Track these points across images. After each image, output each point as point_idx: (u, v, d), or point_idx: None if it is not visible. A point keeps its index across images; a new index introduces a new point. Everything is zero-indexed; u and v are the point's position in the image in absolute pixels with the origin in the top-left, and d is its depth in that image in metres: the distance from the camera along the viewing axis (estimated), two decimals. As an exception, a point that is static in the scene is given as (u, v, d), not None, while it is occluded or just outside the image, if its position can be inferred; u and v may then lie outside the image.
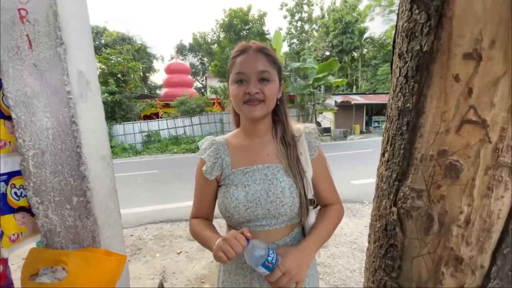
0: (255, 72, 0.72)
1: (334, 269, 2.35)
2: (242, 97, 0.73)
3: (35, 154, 0.59)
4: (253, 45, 0.76)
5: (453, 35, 0.64)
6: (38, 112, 0.57)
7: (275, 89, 0.76)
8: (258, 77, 0.73)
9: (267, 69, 0.73)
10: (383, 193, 0.92)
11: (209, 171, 0.80)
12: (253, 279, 0.79)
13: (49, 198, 0.61)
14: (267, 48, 0.77)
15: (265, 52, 0.75)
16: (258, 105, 0.73)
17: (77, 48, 0.60)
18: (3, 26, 0.56)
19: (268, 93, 0.73)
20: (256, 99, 0.72)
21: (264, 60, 0.74)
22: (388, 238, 0.89)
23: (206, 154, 0.81)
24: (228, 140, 0.86)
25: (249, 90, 0.71)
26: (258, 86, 0.72)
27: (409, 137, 0.77)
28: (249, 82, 0.72)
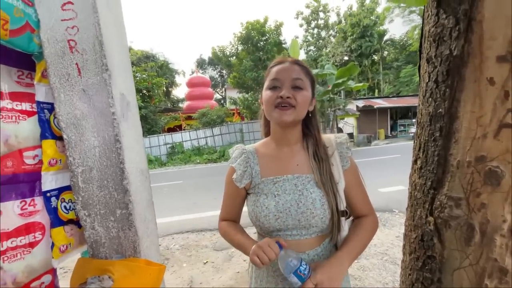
0: (290, 79, 0.75)
1: (365, 282, 2.24)
2: (274, 101, 0.75)
3: (84, 170, 0.65)
4: (290, 59, 0.81)
5: (485, 38, 0.62)
6: (86, 132, 0.63)
7: (307, 97, 0.78)
8: (291, 84, 0.76)
9: (300, 77, 0.77)
10: (417, 202, 0.89)
11: (239, 179, 0.82)
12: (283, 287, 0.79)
13: (95, 211, 0.66)
14: (302, 61, 0.82)
15: (300, 64, 0.80)
16: (289, 110, 0.75)
17: (119, 73, 0.66)
18: (55, 56, 0.63)
19: (299, 100, 0.75)
20: (287, 102, 0.74)
21: (299, 69, 0.78)
22: (425, 250, 0.85)
23: (237, 162, 0.84)
24: (258, 149, 0.88)
25: (282, 94, 0.74)
26: (291, 92, 0.75)
27: (443, 143, 0.75)
28: (282, 88, 0.75)
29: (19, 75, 0.65)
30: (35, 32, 0.60)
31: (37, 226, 0.66)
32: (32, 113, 0.65)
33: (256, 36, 14.96)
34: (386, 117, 16.84)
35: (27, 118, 0.65)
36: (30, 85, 0.66)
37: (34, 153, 0.66)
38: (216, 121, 14.54)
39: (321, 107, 13.19)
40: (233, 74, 16.00)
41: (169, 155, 13.39)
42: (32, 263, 0.65)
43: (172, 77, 26.63)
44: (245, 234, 0.83)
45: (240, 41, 15.63)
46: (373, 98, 18.35)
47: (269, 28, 15.56)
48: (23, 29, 0.58)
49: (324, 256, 0.79)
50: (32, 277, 0.65)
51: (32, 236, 0.65)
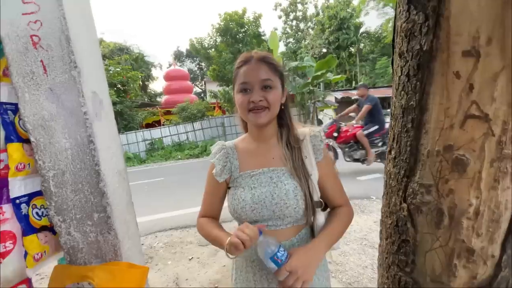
0: (258, 80, 0.76)
1: (346, 267, 2.35)
2: (247, 105, 0.77)
3: (55, 174, 0.61)
4: (255, 55, 0.79)
5: (451, 34, 0.65)
6: (57, 134, 0.60)
7: (278, 95, 0.79)
8: (261, 85, 0.76)
9: (269, 77, 0.77)
10: (392, 190, 0.94)
11: (218, 174, 0.84)
12: (262, 277, 0.82)
13: (70, 216, 0.63)
14: (268, 56, 0.80)
15: (266, 61, 0.79)
16: (263, 112, 0.77)
17: (89, 70, 0.63)
18: (17, 53, 0.58)
19: (271, 100, 0.76)
20: (260, 106, 0.76)
21: (266, 68, 0.77)
22: (400, 234, 0.90)
23: (216, 158, 0.86)
24: (237, 144, 0.90)
25: (253, 98, 0.75)
26: (261, 93, 0.76)
27: (414, 134, 0.79)
28: (252, 91, 0.76)
29: (-24, 74, 0.59)
30: None
31: (7, 235, 0.62)
32: (-7, 115, 0.60)
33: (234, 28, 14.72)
34: (363, 108, 17.46)
35: (-12, 121, 0.60)
36: (-10, 85, 0.60)
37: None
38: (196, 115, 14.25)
39: (301, 99, 13.36)
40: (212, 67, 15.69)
41: (149, 152, 12.99)
42: (5, 274, 0.61)
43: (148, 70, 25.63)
44: (222, 228, 0.84)
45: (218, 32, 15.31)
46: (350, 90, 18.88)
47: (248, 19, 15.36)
48: (-22, 24, 0.53)
49: (299, 246, 0.81)
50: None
51: (2, 246, 0.61)
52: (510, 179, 0.67)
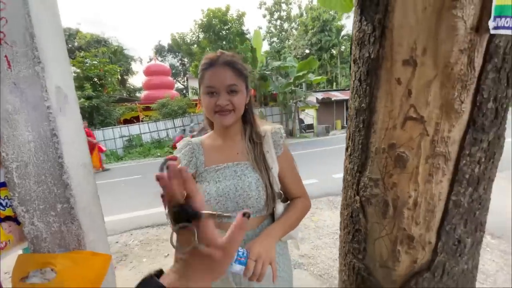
0: (224, 86, 0.79)
1: (317, 260, 2.46)
2: (213, 107, 0.81)
3: (19, 166, 0.63)
4: (221, 58, 0.81)
5: (394, 44, 0.74)
6: (20, 127, 0.61)
7: (243, 98, 0.84)
8: (226, 90, 0.80)
9: (234, 82, 0.80)
10: (348, 184, 1.03)
11: None
12: None
13: (34, 207, 0.65)
14: (234, 60, 0.83)
15: (232, 66, 0.81)
16: (229, 115, 0.81)
17: (53, 65, 0.64)
18: (-21, 46, 0.59)
19: (236, 104, 0.81)
20: (226, 109, 0.80)
21: (231, 73, 0.80)
22: (354, 224, 0.99)
23: (181, 153, 0.89)
24: (203, 141, 0.94)
25: (219, 102, 0.79)
26: (227, 97, 0.80)
27: (365, 133, 0.87)
28: (219, 94, 0.80)
29: None
30: None
31: (-33, 225, 0.63)
32: (-47, 107, 0.60)
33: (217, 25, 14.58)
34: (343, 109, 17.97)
35: None
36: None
37: (-42, 149, 0.61)
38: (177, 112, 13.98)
39: (284, 99, 13.54)
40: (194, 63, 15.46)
41: (126, 149, 12.59)
42: (-36, 264, 0.62)
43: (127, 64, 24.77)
44: None
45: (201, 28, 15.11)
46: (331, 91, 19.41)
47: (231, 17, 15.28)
48: None
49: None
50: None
51: (-38, 236, 0.62)
52: (442, 174, 0.77)
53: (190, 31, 17.31)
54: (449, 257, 0.84)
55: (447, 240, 0.82)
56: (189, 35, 17.01)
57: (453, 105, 0.70)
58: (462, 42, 0.65)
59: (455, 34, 0.65)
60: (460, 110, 0.70)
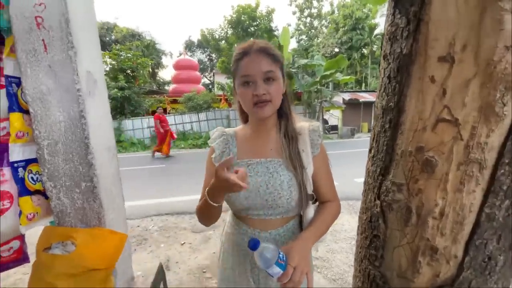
0: (260, 73, 0.75)
1: (332, 263, 2.40)
2: (251, 99, 0.77)
3: (49, 144, 0.67)
4: (254, 45, 0.78)
5: (429, 39, 0.68)
6: (52, 107, 0.65)
7: (280, 87, 0.79)
8: (263, 78, 0.76)
9: (271, 68, 0.76)
10: (369, 187, 0.98)
11: (217, 159, 0.86)
12: (245, 261, 0.86)
13: (61, 183, 0.69)
14: (268, 47, 0.79)
15: (267, 52, 0.78)
16: (266, 106, 0.77)
17: (85, 51, 0.68)
18: (22, 32, 0.64)
19: (274, 93, 0.77)
20: (264, 100, 0.76)
21: (267, 59, 0.77)
22: (372, 230, 0.94)
23: (216, 143, 0.88)
24: (237, 132, 0.92)
25: (256, 92, 0.75)
26: (264, 86, 0.76)
27: (391, 134, 0.82)
28: (255, 84, 0.76)
29: (-15, 48, 0.65)
30: (4, 8, 0.60)
31: (5, 194, 0.69)
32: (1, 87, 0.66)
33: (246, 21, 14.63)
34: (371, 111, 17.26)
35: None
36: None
37: (2, 125, 0.67)
38: (202, 106, 14.31)
39: (308, 97, 13.29)
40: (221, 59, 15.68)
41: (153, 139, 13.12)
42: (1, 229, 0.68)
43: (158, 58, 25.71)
44: None
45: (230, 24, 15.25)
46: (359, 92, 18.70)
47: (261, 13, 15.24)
48: (-10, 3, 0.58)
49: (286, 237, 0.85)
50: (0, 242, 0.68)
51: (1, 203, 0.68)
52: (475, 183, 0.70)
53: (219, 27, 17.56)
54: (476, 274, 0.77)
55: (475, 256, 0.75)
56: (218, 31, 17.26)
57: (493, 107, 0.63)
58: (508, 37, 0.59)
59: (500, 28, 0.59)
60: (501, 114, 0.63)
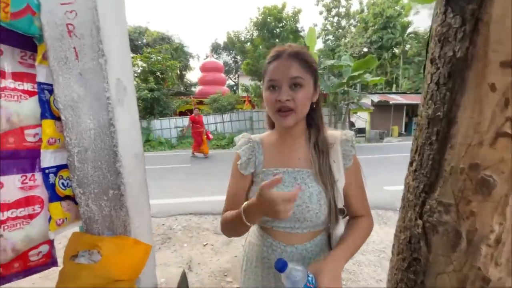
0: (287, 78, 0.71)
1: (359, 277, 2.27)
2: (274, 104, 0.73)
3: (80, 151, 0.68)
4: (288, 49, 0.74)
5: (490, 41, 0.59)
6: (83, 114, 0.66)
7: (307, 95, 0.74)
8: (289, 84, 0.72)
9: (299, 74, 0.72)
10: (409, 204, 0.88)
11: (243, 167, 0.82)
12: (269, 275, 0.82)
13: (89, 190, 0.69)
14: (301, 52, 0.75)
15: (299, 57, 0.73)
16: (289, 116, 0.73)
17: (116, 58, 0.68)
18: (53, 39, 0.65)
19: (299, 100, 0.72)
20: (286, 107, 0.72)
21: (297, 65, 0.72)
22: (412, 252, 0.85)
23: (242, 149, 0.85)
24: (263, 139, 0.88)
25: (279, 97, 0.71)
26: (290, 93, 0.72)
27: (438, 148, 0.73)
28: (280, 89, 0.72)
29: (22, 56, 0.67)
30: (36, 15, 0.62)
31: (36, 199, 0.71)
32: (33, 93, 0.68)
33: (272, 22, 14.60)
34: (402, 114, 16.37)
35: (29, 98, 0.68)
36: (33, 66, 0.68)
37: (34, 131, 0.69)
38: (226, 107, 14.51)
39: (334, 99, 12.92)
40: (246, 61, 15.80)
41: (179, 139, 13.57)
42: (31, 233, 0.70)
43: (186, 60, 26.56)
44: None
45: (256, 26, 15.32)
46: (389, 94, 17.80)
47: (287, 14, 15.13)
48: (24, 11, 0.59)
49: (313, 252, 0.79)
50: (30, 246, 0.70)
51: (32, 208, 0.70)
52: (544, 209, 0.60)
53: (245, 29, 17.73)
54: (538, 313, 0.66)
55: (538, 292, 0.64)
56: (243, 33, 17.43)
57: None
58: None
59: None
60: None
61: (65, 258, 0.66)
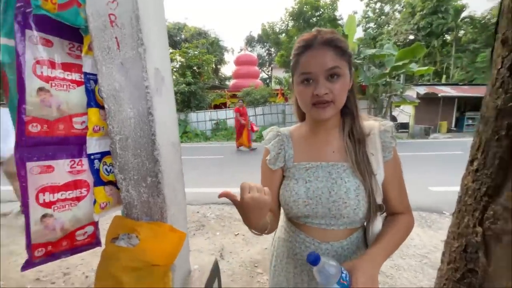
0: (323, 70, 0.66)
1: (397, 282, 2.12)
2: (310, 99, 0.68)
3: (121, 138, 0.71)
4: (319, 37, 0.68)
5: None
6: (124, 103, 0.68)
7: (345, 84, 0.69)
8: (326, 75, 0.66)
9: (336, 64, 0.66)
10: (466, 208, 0.78)
11: (272, 162, 0.81)
12: (302, 272, 0.79)
13: (130, 176, 0.72)
14: (334, 38, 0.68)
15: (333, 44, 0.67)
16: (328, 107, 0.68)
17: (154, 48, 0.68)
18: (97, 30, 0.67)
19: (338, 92, 0.67)
20: (324, 100, 0.67)
21: (332, 54, 0.66)
22: (467, 262, 0.75)
23: (271, 144, 0.82)
24: (292, 132, 0.85)
25: (317, 91, 0.66)
26: (327, 85, 0.66)
27: (508, 144, 0.62)
28: (317, 82, 0.67)
29: (70, 47, 0.72)
30: (81, 6, 0.65)
31: (83, 183, 0.76)
32: (80, 83, 0.73)
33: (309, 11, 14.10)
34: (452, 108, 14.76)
35: (76, 87, 0.72)
36: (79, 57, 0.72)
37: (82, 119, 0.74)
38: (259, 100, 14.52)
39: (375, 91, 12.10)
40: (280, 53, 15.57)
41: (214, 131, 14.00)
42: (78, 214, 0.76)
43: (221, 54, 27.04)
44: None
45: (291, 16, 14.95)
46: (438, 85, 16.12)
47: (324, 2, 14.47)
48: (70, 3, 0.62)
49: (349, 250, 0.75)
50: (77, 226, 0.76)
51: (79, 191, 0.75)
52: None
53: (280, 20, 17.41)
54: None
55: None
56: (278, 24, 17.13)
57: None
58: None
59: None
60: None
61: (106, 240, 0.71)
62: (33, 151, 0.68)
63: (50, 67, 0.68)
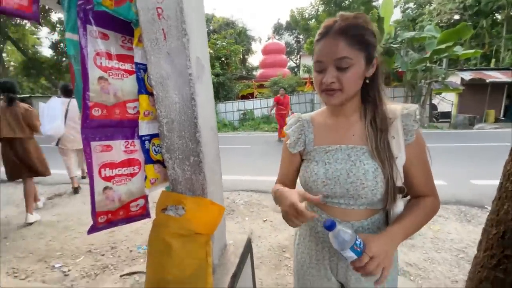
0: (332, 60, 0.68)
1: (430, 274, 2.07)
2: (319, 86, 0.72)
3: (167, 122, 0.79)
4: (336, 24, 0.68)
5: None
6: (170, 90, 0.76)
7: (356, 74, 0.69)
8: (335, 65, 0.68)
9: (345, 54, 0.67)
10: (507, 194, 0.76)
11: (292, 145, 0.85)
12: (324, 249, 0.83)
13: (175, 156, 0.81)
14: (351, 25, 0.67)
15: (348, 33, 0.67)
16: (335, 94, 0.71)
17: (196, 38, 0.74)
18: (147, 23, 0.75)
19: (346, 81, 0.68)
20: (331, 88, 0.70)
21: (344, 44, 0.66)
22: (504, 248, 0.73)
23: (291, 129, 0.87)
24: (314, 117, 0.88)
25: (324, 79, 0.69)
26: (335, 74, 0.68)
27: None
28: (326, 71, 0.70)
29: (122, 40, 0.81)
30: (133, 1, 0.72)
31: (136, 161, 0.87)
32: (132, 72, 0.82)
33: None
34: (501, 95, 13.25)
35: (129, 76, 0.82)
36: (131, 49, 0.81)
37: (134, 104, 0.84)
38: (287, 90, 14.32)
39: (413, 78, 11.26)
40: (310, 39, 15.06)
41: (241, 121, 14.19)
42: (132, 188, 0.87)
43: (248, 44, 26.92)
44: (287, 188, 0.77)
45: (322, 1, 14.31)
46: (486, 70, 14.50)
47: (358, -16, 13.62)
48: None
49: (370, 231, 0.77)
50: (131, 198, 0.87)
51: (132, 168, 0.86)
52: None
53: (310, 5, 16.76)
54: None
55: None
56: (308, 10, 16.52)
57: None
58: None
59: None
60: None
61: (157, 210, 0.81)
62: (96, 132, 0.79)
63: (107, 58, 0.78)
